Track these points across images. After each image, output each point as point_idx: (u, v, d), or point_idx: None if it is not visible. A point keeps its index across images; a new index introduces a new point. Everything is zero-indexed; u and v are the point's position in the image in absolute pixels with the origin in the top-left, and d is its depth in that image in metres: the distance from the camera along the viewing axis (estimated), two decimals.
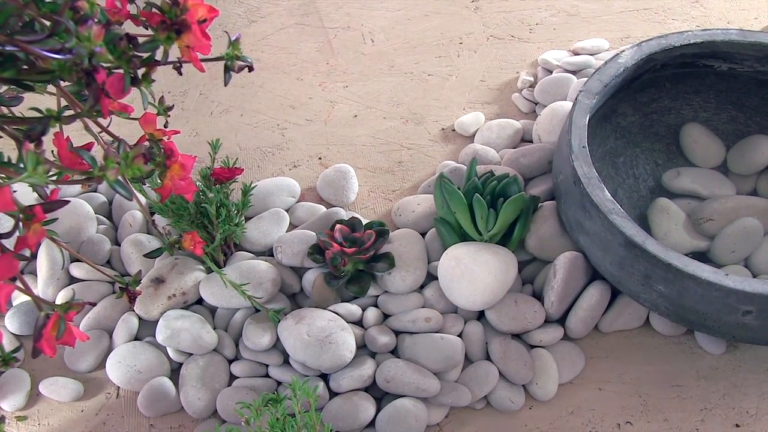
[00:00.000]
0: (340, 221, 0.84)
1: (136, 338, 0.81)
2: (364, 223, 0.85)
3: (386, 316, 0.82)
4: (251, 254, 0.85)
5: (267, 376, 0.78)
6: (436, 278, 0.82)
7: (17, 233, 0.49)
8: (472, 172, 0.86)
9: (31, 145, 0.42)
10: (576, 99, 0.81)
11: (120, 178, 0.45)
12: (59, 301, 0.81)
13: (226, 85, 0.49)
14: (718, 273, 0.69)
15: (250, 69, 0.49)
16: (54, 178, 0.45)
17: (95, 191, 0.92)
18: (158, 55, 0.49)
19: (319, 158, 0.98)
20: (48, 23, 0.44)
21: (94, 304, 0.53)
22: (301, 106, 1.04)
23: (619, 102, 0.90)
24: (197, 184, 0.80)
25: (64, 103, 0.52)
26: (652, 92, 0.93)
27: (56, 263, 0.82)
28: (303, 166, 0.97)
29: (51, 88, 0.52)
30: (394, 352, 0.80)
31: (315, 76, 1.07)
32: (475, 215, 0.81)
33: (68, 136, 0.53)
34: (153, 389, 0.76)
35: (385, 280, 0.81)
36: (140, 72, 0.49)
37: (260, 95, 1.05)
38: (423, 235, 0.87)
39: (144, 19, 0.47)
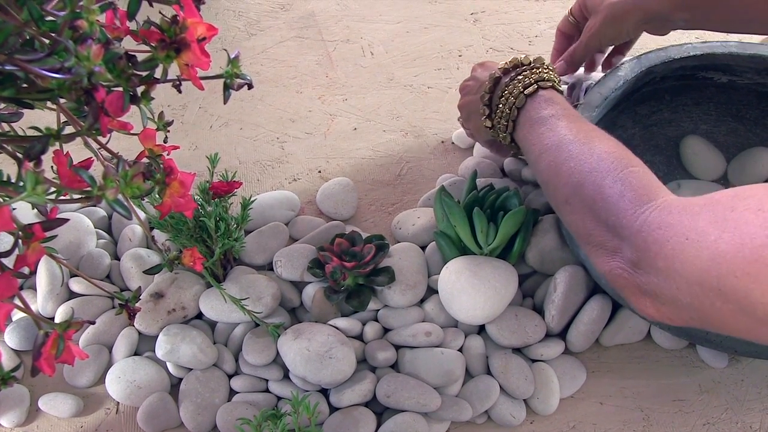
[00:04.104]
0: (340, 235, 0.84)
1: (136, 353, 0.80)
2: (363, 237, 0.84)
3: (386, 330, 0.81)
4: (251, 268, 0.85)
5: (267, 391, 0.78)
6: (437, 292, 0.82)
7: (16, 251, 0.49)
8: (471, 185, 0.86)
9: (31, 164, 0.42)
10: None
11: (119, 196, 0.45)
12: (59, 316, 0.81)
13: (225, 103, 0.49)
14: None
15: (250, 87, 0.49)
16: (53, 196, 0.45)
17: (95, 205, 0.91)
18: (157, 73, 0.49)
19: (319, 171, 0.98)
20: (48, 41, 0.44)
21: (93, 323, 0.53)
22: (300, 120, 1.04)
23: (619, 114, 0.90)
24: (196, 198, 0.80)
25: (63, 119, 0.52)
26: (651, 104, 0.93)
27: (56, 278, 0.82)
28: (303, 180, 0.97)
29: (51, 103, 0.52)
30: (395, 366, 0.79)
31: (314, 89, 1.07)
32: (475, 229, 0.81)
33: (68, 152, 0.53)
34: (153, 404, 0.76)
35: (385, 294, 0.81)
36: (139, 90, 0.49)
37: (260, 108, 1.05)
38: (423, 248, 0.87)
39: (143, 37, 0.47)
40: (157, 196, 0.53)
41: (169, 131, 0.62)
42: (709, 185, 0.91)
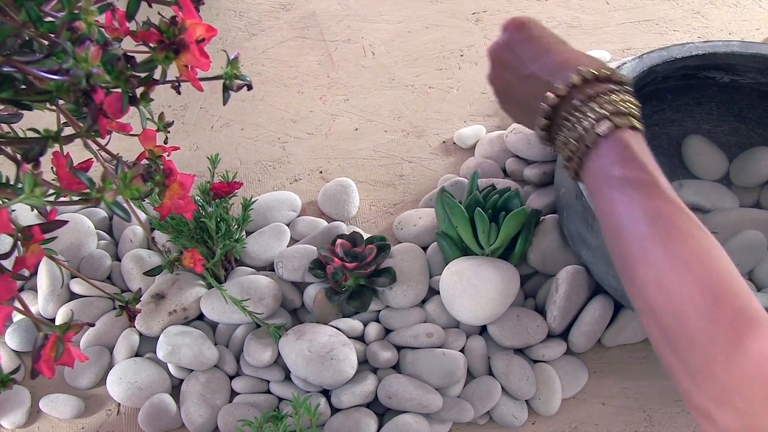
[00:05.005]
0: (341, 236, 0.84)
1: (137, 354, 0.80)
2: (365, 238, 0.84)
3: (388, 331, 0.81)
4: (252, 269, 0.85)
5: (268, 392, 0.78)
6: (438, 293, 0.82)
7: (16, 253, 0.49)
8: (473, 186, 0.86)
9: (29, 166, 0.42)
10: None
11: (119, 198, 0.45)
12: (60, 317, 0.81)
13: (225, 104, 0.49)
14: None
15: (249, 88, 0.49)
16: (52, 198, 0.45)
17: (95, 206, 0.91)
18: (157, 74, 0.49)
19: (320, 172, 0.97)
20: (46, 43, 0.44)
21: (92, 325, 0.53)
22: (301, 120, 1.03)
23: None
24: (196, 199, 0.80)
25: (63, 120, 0.52)
26: (653, 104, 0.92)
27: (56, 280, 0.82)
28: (304, 180, 0.97)
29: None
30: (396, 367, 0.79)
31: (316, 90, 1.07)
32: (476, 229, 0.81)
33: (68, 153, 0.53)
34: (154, 406, 0.76)
35: (386, 295, 0.81)
36: (138, 91, 0.49)
37: (261, 109, 1.05)
38: (425, 249, 0.86)
39: (142, 38, 0.46)
40: (156, 197, 0.53)
41: (169, 132, 0.62)
42: (711, 185, 0.91)
